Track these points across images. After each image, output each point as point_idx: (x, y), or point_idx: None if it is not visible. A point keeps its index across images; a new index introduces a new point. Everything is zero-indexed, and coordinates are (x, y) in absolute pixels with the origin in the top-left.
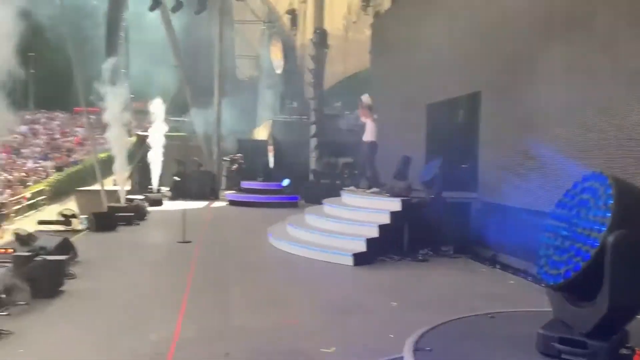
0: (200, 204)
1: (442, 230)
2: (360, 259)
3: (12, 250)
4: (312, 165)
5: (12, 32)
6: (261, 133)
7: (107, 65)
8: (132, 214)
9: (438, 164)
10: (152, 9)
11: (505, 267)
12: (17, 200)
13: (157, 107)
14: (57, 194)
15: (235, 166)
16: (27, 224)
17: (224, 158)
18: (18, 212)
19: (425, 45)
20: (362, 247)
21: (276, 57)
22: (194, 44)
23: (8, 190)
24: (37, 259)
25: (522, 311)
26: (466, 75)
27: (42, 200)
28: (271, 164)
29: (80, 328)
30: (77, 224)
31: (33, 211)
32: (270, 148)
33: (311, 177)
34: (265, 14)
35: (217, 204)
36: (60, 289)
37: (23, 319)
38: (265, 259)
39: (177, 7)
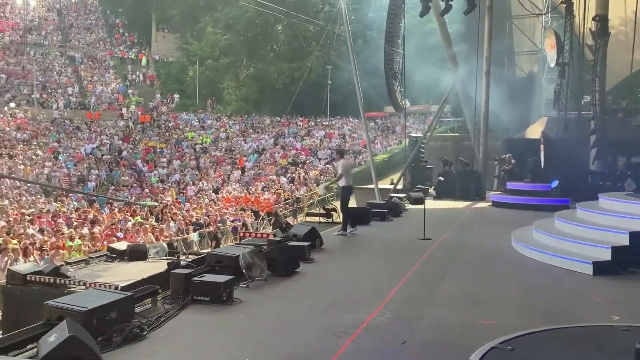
0: (462, 204)
1: None
2: (601, 268)
3: (273, 235)
4: (591, 165)
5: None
6: (534, 131)
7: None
8: (386, 210)
9: None
10: (422, 14)
11: None
12: (310, 196)
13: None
14: None
15: (506, 166)
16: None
17: (495, 158)
18: (310, 206)
19: None
20: (606, 255)
21: (550, 50)
22: (467, 45)
23: (304, 187)
24: (283, 243)
25: None
26: None
27: (330, 196)
28: (542, 163)
29: (294, 304)
30: (336, 217)
31: (321, 206)
32: (542, 147)
33: (590, 178)
34: (545, 5)
35: (480, 204)
36: (295, 270)
37: (255, 291)
38: (496, 261)
39: (446, 10)
